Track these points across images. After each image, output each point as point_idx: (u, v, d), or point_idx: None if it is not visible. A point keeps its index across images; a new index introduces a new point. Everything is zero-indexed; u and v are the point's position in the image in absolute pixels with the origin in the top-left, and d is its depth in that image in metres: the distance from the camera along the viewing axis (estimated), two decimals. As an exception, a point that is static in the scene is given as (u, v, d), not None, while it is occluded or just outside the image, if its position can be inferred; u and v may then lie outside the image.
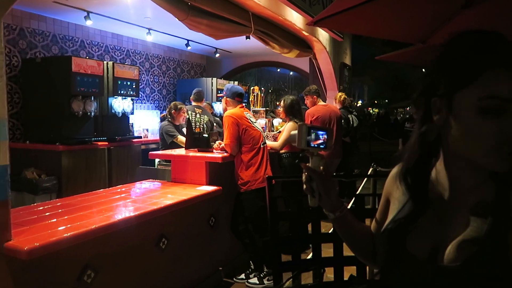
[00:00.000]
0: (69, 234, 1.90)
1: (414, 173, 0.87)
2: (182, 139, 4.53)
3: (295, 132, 1.05)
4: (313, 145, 1.01)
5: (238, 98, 3.38)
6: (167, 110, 5.03)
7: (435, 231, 0.81)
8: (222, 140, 3.35)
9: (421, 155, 0.86)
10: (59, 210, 2.35)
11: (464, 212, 0.78)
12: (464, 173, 0.80)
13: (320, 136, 1.02)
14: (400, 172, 0.91)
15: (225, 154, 3.28)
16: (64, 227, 2.00)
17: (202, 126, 5.38)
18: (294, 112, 4.04)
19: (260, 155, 3.30)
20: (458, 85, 0.75)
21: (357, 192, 3.20)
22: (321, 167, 1.02)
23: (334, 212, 1.03)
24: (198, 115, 5.43)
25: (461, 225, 0.77)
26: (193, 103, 5.63)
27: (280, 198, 3.25)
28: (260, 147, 3.33)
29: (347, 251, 1.35)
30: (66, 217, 2.21)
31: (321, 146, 1.02)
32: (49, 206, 2.47)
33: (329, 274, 1.91)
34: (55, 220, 2.14)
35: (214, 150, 3.42)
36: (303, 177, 1.03)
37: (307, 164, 1.03)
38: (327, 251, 1.67)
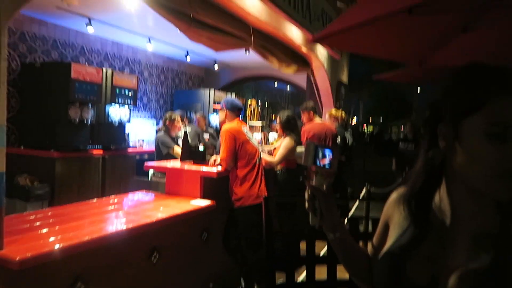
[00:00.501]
0: (61, 245, 1.87)
1: (418, 198, 0.88)
2: (178, 150, 4.51)
3: (301, 149, 1.06)
4: (319, 164, 1.02)
5: (238, 111, 3.38)
6: (161, 121, 5.00)
7: (436, 258, 0.81)
8: (218, 153, 3.34)
9: (426, 181, 0.87)
10: (51, 220, 2.32)
11: (466, 239, 0.78)
12: (466, 199, 0.80)
13: (327, 155, 1.02)
14: (404, 197, 0.91)
15: (220, 169, 3.26)
16: (56, 237, 1.97)
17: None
18: (290, 127, 4.03)
19: (255, 171, 3.29)
20: (465, 112, 0.76)
21: (350, 213, 3.19)
22: (324, 186, 1.02)
23: (334, 232, 1.03)
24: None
25: (462, 253, 0.77)
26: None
27: (275, 216, 3.24)
28: (256, 163, 3.31)
29: (340, 273, 1.33)
30: (57, 227, 2.18)
31: (325, 165, 1.02)
32: (41, 215, 2.44)
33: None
34: (47, 230, 2.11)
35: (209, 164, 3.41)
36: (306, 195, 1.02)
37: (311, 182, 1.03)
38: (320, 270, 1.66)
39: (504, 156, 0.71)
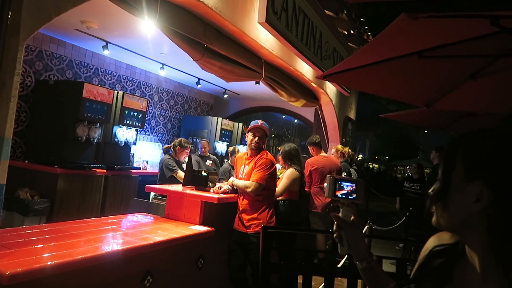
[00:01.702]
0: (53, 262, 1.85)
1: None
2: (181, 174, 4.52)
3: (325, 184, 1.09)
4: (340, 195, 1.07)
5: None
6: (172, 143, 5.03)
7: None
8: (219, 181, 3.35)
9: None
10: (47, 236, 2.30)
11: None
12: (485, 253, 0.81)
13: (346, 187, 1.07)
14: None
15: (222, 195, 3.26)
16: (49, 254, 1.96)
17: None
18: (292, 159, 4.08)
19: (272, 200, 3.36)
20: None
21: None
22: (352, 217, 1.06)
23: (362, 262, 1.06)
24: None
25: None
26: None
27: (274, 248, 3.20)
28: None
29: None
30: (52, 243, 2.16)
31: (349, 197, 1.08)
32: (37, 230, 2.43)
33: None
34: (41, 245, 2.09)
35: (211, 190, 3.40)
36: (334, 226, 1.07)
37: (338, 214, 1.08)
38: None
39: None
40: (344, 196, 1.07)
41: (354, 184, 1.08)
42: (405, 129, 28.97)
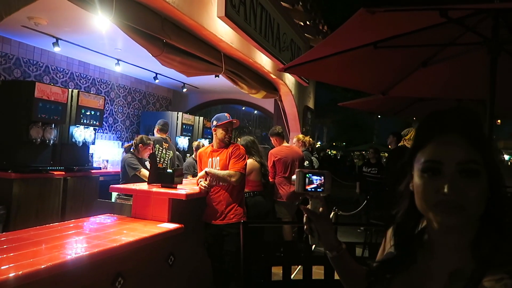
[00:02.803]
0: (14, 274, 1.74)
1: (402, 228, 0.93)
2: (145, 172, 4.44)
3: (294, 177, 1.15)
4: (309, 189, 1.10)
5: None
6: (133, 141, 4.90)
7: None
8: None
9: (407, 213, 0.92)
10: (5, 246, 2.18)
11: (443, 277, 0.81)
12: (442, 235, 0.84)
13: (315, 181, 1.11)
14: (392, 229, 0.98)
15: (190, 191, 3.25)
16: (10, 265, 1.85)
17: (166, 162, 5.31)
18: (249, 151, 4.14)
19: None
20: (413, 152, 0.86)
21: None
22: (320, 209, 1.10)
23: (332, 251, 1.10)
24: (164, 150, 5.38)
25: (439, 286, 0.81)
26: (158, 135, 5.57)
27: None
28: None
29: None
30: (12, 254, 2.05)
31: (318, 190, 1.11)
32: (-4, 239, 2.30)
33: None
34: (4, 256, 1.98)
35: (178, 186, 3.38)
36: (304, 219, 1.10)
37: (307, 206, 1.11)
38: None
39: (436, 188, 0.78)
40: (313, 190, 1.10)
41: (322, 177, 1.11)
42: (360, 115, 29.97)
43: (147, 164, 4.86)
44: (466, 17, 2.27)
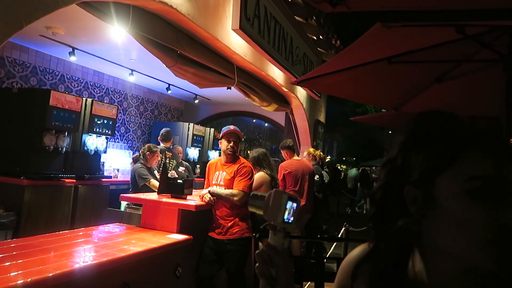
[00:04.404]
0: (23, 281, 1.75)
1: (389, 274, 0.70)
2: (154, 183, 4.45)
3: (262, 194, 0.83)
4: (287, 220, 0.80)
5: None
6: (140, 151, 4.93)
7: None
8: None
9: (398, 254, 0.71)
10: (14, 252, 2.18)
11: None
12: (446, 272, 0.67)
13: (290, 209, 0.82)
14: (373, 275, 0.72)
15: (199, 202, 3.23)
16: (18, 272, 1.85)
17: (169, 170, 5.33)
18: (261, 163, 4.11)
19: None
20: (436, 168, 0.64)
21: (329, 253, 3.18)
22: (285, 246, 0.81)
23: None
24: (168, 159, 5.39)
25: None
26: (162, 144, 5.60)
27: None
28: None
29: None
30: (21, 260, 2.05)
31: (290, 221, 0.82)
32: (5, 246, 2.30)
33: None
34: (13, 262, 1.99)
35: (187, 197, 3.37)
36: (257, 258, 0.80)
37: (267, 240, 0.81)
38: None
39: (493, 218, 0.58)
40: (290, 221, 0.81)
41: (295, 204, 0.83)
42: (370, 131, 29.79)
43: (156, 173, 4.87)
44: (483, 34, 2.25)
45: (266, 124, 12.98)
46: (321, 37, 6.63)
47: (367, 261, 0.74)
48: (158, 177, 4.57)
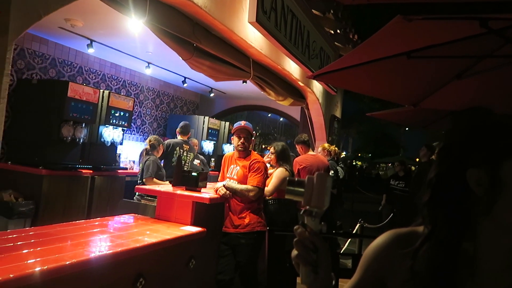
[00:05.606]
0: (40, 268, 1.78)
1: (446, 251, 0.73)
2: (157, 181, 4.44)
3: (300, 180, 0.80)
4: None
5: None
6: (148, 144, 4.71)
7: None
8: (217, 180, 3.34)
9: (457, 232, 0.74)
10: (32, 240, 2.23)
11: None
12: (504, 252, 0.71)
13: None
14: (432, 256, 0.74)
15: (213, 195, 3.24)
16: (36, 259, 1.89)
17: (187, 164, 5.34)
18: (285, 158, 4.06)
19: None
20: (504, 152, 0.69)
21: (343, 249, 3.15)
22: (324, 231, 0.80)
23: None
24: (185, 152, 5.41)
25: None
26: (179, 137, 5.59)
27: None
28: None
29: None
30: (39, 248, 2.09)
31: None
32: (23, 234, 2.36)
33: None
34: (31, 250, 2.03)
35: (201, 190, 3.38)
36: (299, 246, 0.78)
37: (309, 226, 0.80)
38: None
39: None
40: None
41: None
42: (386, 127, 29.44)
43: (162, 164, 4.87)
44: (507, 28, 2.17)
45: (281, 119, 12.93)
46: (338, 31, 6.55)
47: (425, 244, 0.76)
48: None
